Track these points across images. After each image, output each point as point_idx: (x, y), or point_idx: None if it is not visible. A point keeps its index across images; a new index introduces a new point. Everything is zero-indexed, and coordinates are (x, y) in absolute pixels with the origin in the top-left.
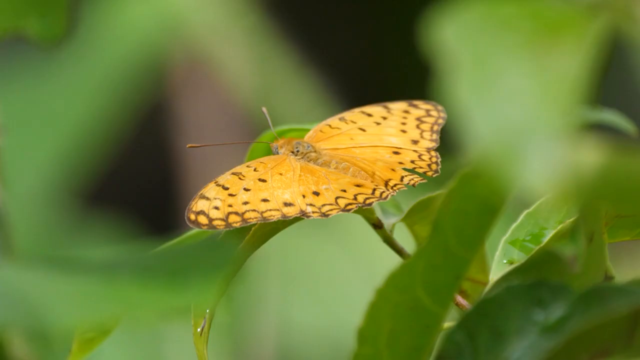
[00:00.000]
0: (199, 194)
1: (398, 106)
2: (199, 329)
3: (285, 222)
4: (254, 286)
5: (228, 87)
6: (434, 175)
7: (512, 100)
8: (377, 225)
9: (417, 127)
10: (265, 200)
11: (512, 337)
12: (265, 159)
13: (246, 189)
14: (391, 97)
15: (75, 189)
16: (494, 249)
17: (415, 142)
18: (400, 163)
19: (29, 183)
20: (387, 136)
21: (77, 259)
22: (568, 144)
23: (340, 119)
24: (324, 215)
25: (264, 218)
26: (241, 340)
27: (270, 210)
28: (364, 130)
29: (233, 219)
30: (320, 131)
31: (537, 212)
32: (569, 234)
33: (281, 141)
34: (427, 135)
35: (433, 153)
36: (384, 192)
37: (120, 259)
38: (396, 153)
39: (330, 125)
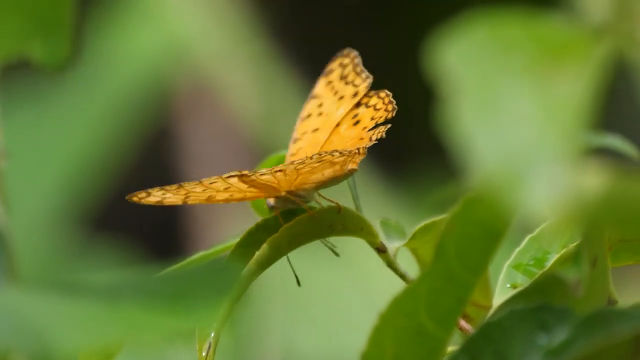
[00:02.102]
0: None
1: (319, 89)
2: (203, 353)
3: (289, 247)
4: (258, 310)
5: (233, 112)
6: (394, 113)
7: (516, 124)
8: (381, 250)
9: (346, 83)
10: None
11: None
12: None
13: None
14: (395, 121)
15: (79, 214)
16: (497, 274)
17: (355, 94)
18: (364, 128)
19: (33, 207)
20: (336, 113)
21: (81, 282)
22: (571, 168)
23: (294, 142)
24: None
25: None
26: None
27: None
28: (317, 129)
29: None
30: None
31: (541, 237)
32: (572, 258)
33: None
34: (358, 80)
35: (382, 94)
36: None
37: (124, 283)
38: (357, 123)
39: (293, 154)
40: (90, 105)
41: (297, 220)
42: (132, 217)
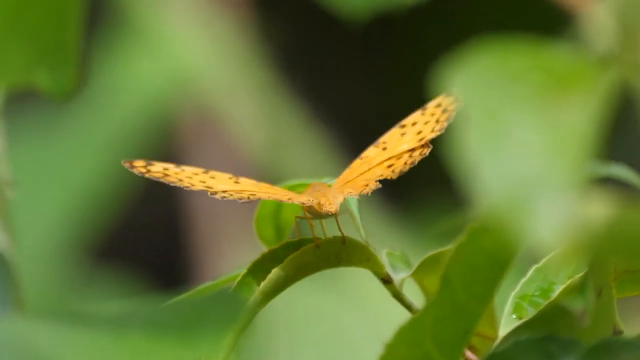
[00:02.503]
0: None
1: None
2: None
3: (295, 277)
4: (263, 340)
5: (237, 142)
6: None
7: (521, 153)
8: (387, 280)
9: (425, 122)
10: None
11: None
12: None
13: None
14: None
15: (85, 243)
16: (503, 304)
17: (419, 132)
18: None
19: (39, 237)
20: (402, 145)
21: (87, 312)
22: (577, 198)
23: (376, 146)
24: None
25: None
26: None
27: None
28: (385, 149)
29: None
30: (350, 168)
31: (547, 267)
32: (578, 288)
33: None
34: (436, 125)
35: (424, 150)
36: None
37: (130, 312)
38: (390, 166)
39: (361, 158)
40: (95, 135)
41: (302, 251)
42: (137, 247)
